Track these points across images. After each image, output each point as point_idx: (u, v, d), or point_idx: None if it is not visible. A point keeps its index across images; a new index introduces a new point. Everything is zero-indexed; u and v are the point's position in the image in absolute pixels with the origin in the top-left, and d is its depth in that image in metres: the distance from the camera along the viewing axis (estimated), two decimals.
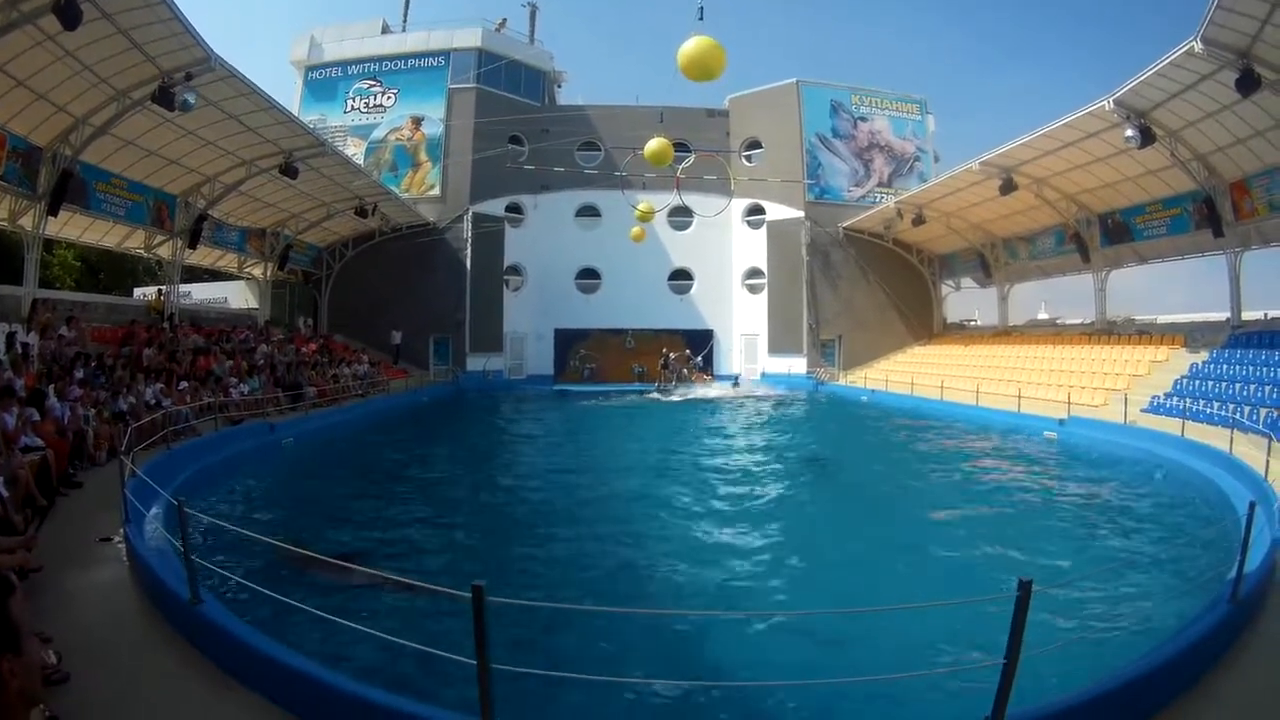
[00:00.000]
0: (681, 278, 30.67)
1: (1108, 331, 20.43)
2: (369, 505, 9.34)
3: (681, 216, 28.64)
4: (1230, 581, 4.40)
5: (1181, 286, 26.62)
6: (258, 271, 24.47)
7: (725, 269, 30.50)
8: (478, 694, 2.90)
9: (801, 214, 28.27)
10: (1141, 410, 14.26)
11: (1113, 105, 14.52)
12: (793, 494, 10.61)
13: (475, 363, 27.56)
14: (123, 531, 5.89)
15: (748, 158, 30.18)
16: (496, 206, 28.61)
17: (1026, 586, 2.90)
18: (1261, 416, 11.67)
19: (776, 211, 28.91)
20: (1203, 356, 15.92)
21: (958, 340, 26.82)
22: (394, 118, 28.71)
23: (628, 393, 26.01)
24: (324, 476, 11.68)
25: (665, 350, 27.70)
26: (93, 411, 9.94)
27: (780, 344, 28.81)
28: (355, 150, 27.84)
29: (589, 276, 30.46)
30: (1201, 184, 16.01)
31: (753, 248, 29.82)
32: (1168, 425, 12.67)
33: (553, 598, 5.88)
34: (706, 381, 27.86)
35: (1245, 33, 11.57)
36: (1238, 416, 11.35)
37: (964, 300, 30.12)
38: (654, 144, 13.67)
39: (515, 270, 29.78)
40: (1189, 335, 17.41)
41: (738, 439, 16.31)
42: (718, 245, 30.04)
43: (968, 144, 75.05)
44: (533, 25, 32.84)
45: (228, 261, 23.82)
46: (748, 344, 30.14)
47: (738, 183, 28.47)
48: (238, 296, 28.06)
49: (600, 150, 29.84)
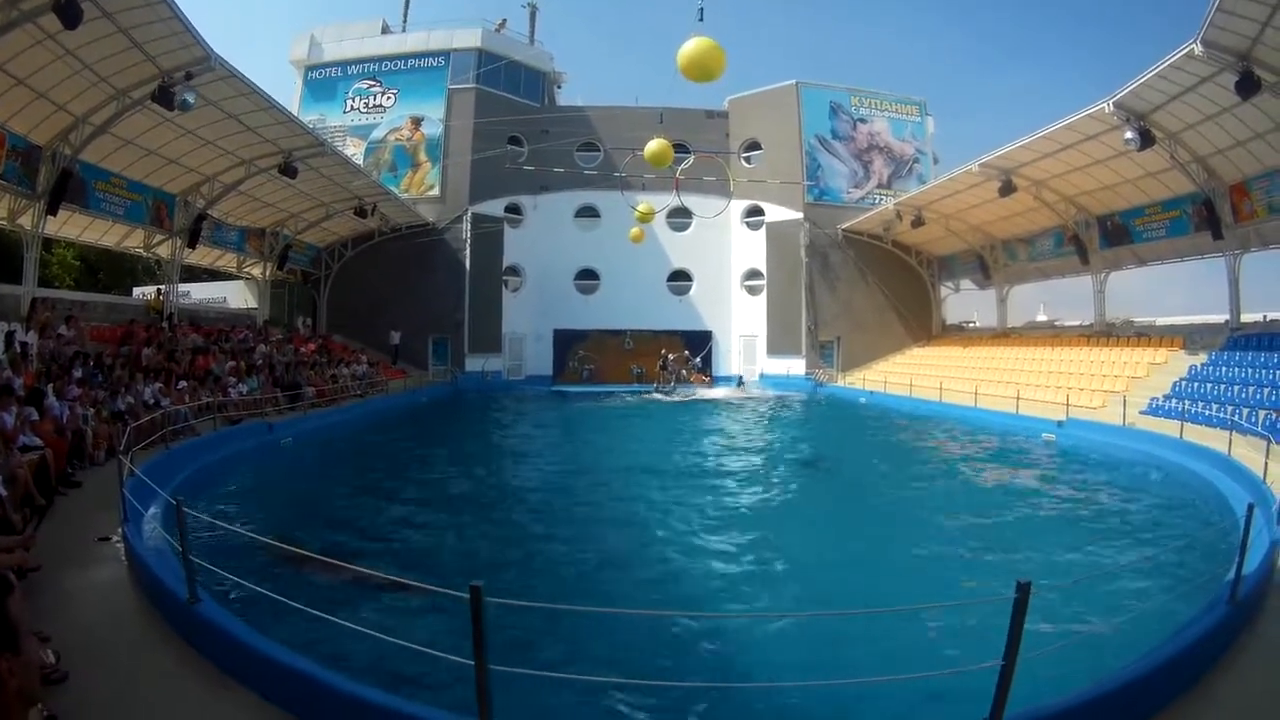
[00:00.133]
0: (680, 279, 30.70)
1: (1106, 333, 20.46)
2: (367, 505, 9.34)
3: (681, 218, 28.61)
4: (1229, 583, 4.40)
5: (1180, 289, 26.71)
6: (257, 271, 24.45)
7: (724, 270, 30.53)
8: (475, 694, 2.89)
9: (800, 215, 28.27)
10: (1140, 412, 14.27)
11: (1112, 108, 14.54)
12: (792, 494, 10.63)
13: (474, 363, 27.53)
14: (121, 531, 5.89)
15: (747, 159, 30.20)
16: (496, 207, 28.62)
17: (1024, 588, 2.90)
18: (1260, 418, 11.68)
19: (775, 213, 28.91)
20: (1201, 359, 15.94)
21: (956, 342, 26.83)
22: (393, 118, 28.71)
23: (627, 394, 26.04)
24: (322, 476, 11.69)
25: (664, 351, 27.73)
26: (91, 411, 9.93)
27: (779, 345, 28.81)
28: (355, 150, 27.83)
29: (588, 277, 30.48)
30: (1201, 186, 16.04)
31: (752, 249, 29.83)
32: (1166, 427, 12.68)
33: (551, 598, 5.88)
34: (705, 383, 27.89)
35: (1245, 35, 11.59)
36: (1236, 419, 11.39)
37: (963, 302, 30.20)
38: (654, 145, 13.66)
39: (514, 271, 29.78)
40: (1188, 337, 17.44)
41: (737, 440, 16.31)
42: (717, 246, 30.07)
43: (967, 145, 75.20)
44: (533, 26, 32.96)
45: (227, 261, 23.80)
46: (746, 345, 30.15)
47: (737, 184, 28.46)
48: (237, 296, 28.09)
49: (600, 151, 29.86)
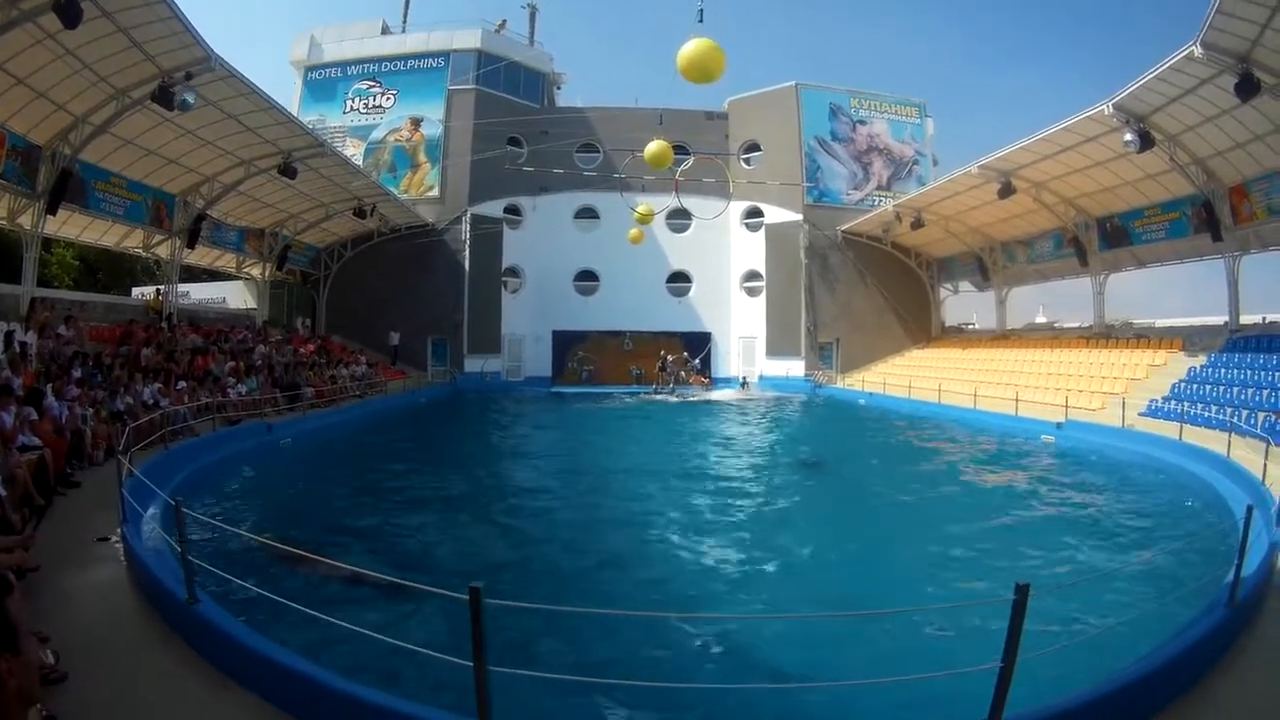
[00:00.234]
0: (680, 280, 30.70)
1: (1106, 335, 20.47)
2: (366, 505, 9.33)
3: (680, 219, 28.55)
4: (1228, 585, 4.40)
5: (1180, 290, 26.79)
6: (256, 271, 24.44)
7: (723, 271, 30.53)
8: (474, 695, 2.89)
9: (800, 217, 28.28)
10: (1139, 414, 14.27)
11: (1112, 110, 14.55)
12: (791, 496, 10.61)
13: (473, 364, 27.52)
14: (120, 531, 5.89)
15: (747, 160, 30.21)
16: (495, 208, 28.62)
17: (1023, 590, 2.91)
18: (1259, 420, 11.66)
19: (775, 214, 28.93)
20: (1201, 360, 15.94)
21: (956, 343, 26.84)
22: (393, 118, 28.71)
23: (626, 395, 26.03)
24: (321, 477, 11.67)
25: (663, 352, 27.73)
26: (90, 411, 9.92)
27: (778, 347, 28.80)
28: (354, 151, 27.82)
29: (587, 278, 30.47)
30: (1200, 188, 16.05)
31: (751, 250, 29.84)
32: (1165, 429, 12.69)
33: (551, 599, 5.88)
34: (705, 384, 27.87)
35: (1245, 37, 11.60)
36: (1235, 420, 11.40)
37: (962, 303, 30.18)
38: (653, 146, 13.66)
39: (514, 272, 29.78)
40: (1187, 339, 17.44)
41: (737, 441, 16.31)
42: (716, 248, 30.08)
43: (967, 146, 75.18)
44: (532, 27, 33.01)
45: (226, 261, 23.78)
46: (746, 347, 30.14)
47: (736, 185, 28.40)
48: (236, 297, 28.05)
49: (599, 152, 29.88)
